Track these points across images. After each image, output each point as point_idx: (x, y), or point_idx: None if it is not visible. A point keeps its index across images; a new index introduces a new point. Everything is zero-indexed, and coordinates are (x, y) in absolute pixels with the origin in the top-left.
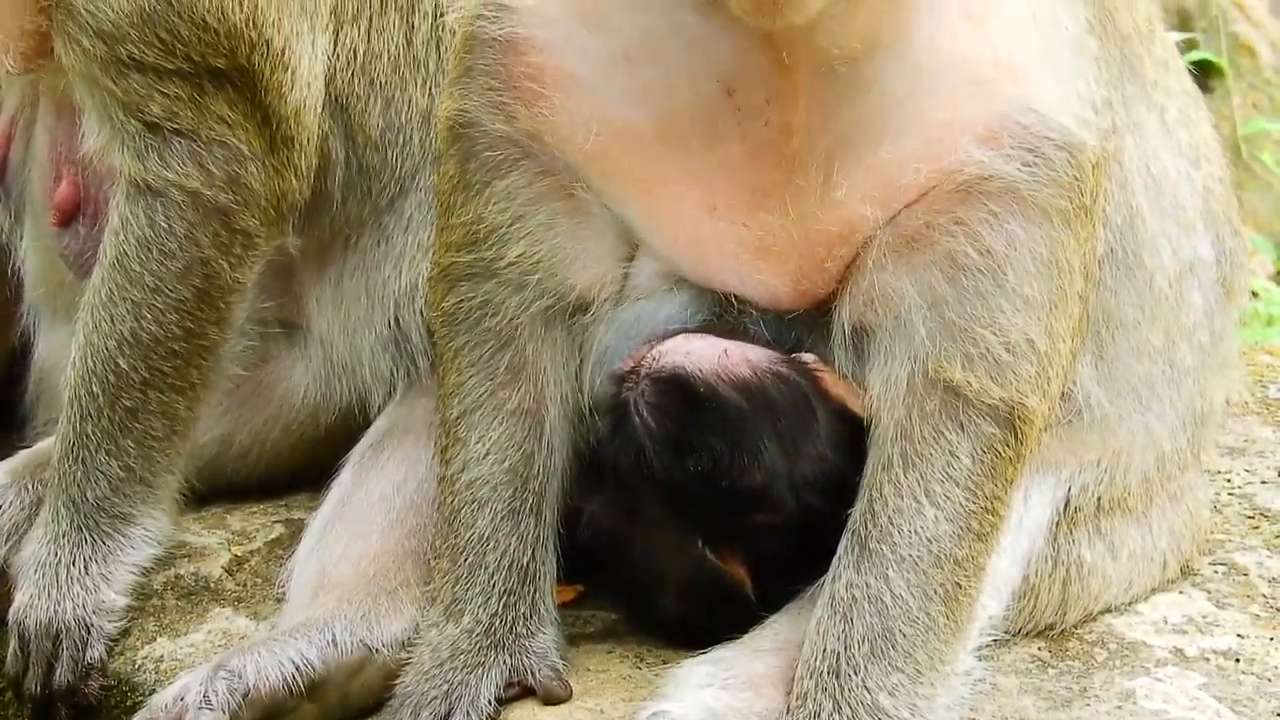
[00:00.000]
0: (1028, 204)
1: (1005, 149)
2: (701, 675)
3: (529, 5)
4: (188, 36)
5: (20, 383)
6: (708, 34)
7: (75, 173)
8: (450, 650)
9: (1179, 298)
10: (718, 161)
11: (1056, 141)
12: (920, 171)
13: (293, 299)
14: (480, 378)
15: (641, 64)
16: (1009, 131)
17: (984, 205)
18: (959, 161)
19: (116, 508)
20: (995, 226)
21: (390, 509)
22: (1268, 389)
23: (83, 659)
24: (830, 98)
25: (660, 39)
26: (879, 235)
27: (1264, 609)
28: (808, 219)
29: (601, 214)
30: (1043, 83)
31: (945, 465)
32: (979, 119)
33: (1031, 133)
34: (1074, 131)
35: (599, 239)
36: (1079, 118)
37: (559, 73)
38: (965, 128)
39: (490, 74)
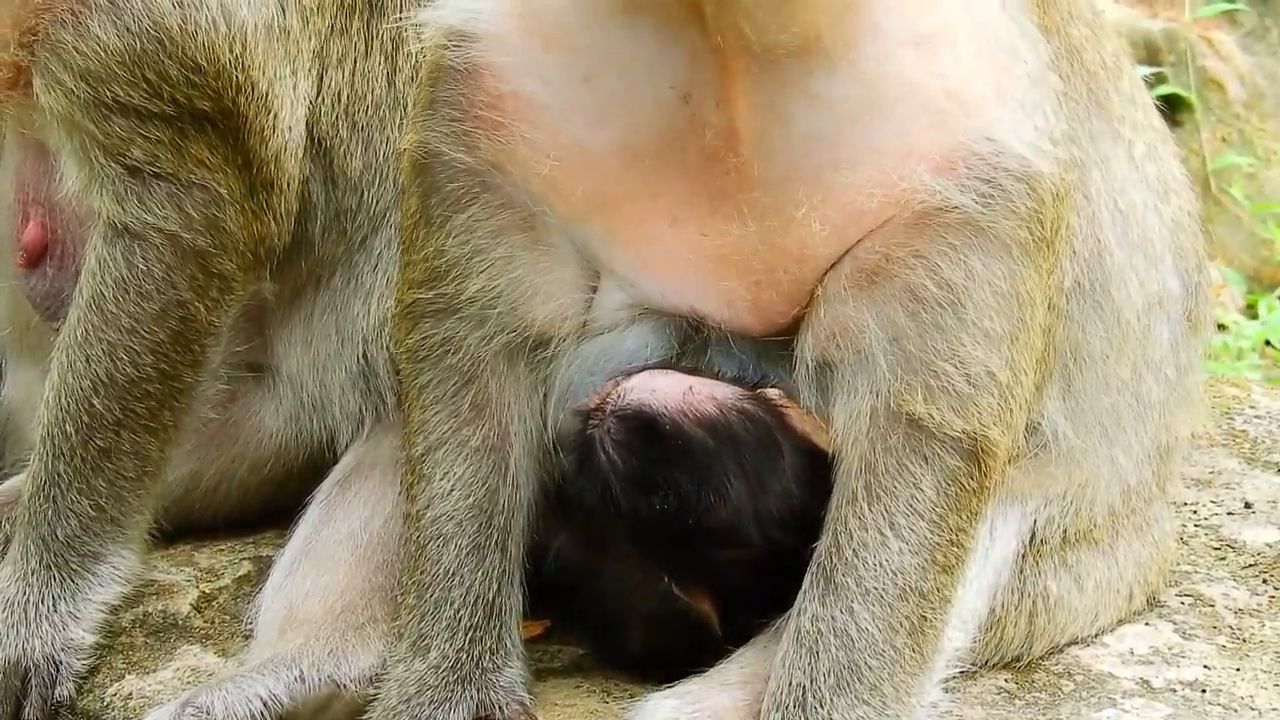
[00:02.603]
0: (986, 236)
1: (961, 179)
2: (668, 709)
3: (490, 32)
4: (176, 78)
5: None
6: (664, 42)
7: (43, 214)
8: (417, 686)
9: (1146, 331)
10: (676, 170)
11: (1014, 172)
12: (875, 197)
13: (263, 341)
14: (444, 415)
15: (602, 81)
16: (965, 161)
17: (942, 238)
18: (915, 190)
19: (86, 546)
20: (954, 259)
21: (357, 545)
22: (1234, 420)
23: (51, 696)
24: (775, 104)
25: (620, 53)
26: (839, 267)
27: (1230, 640)
28: (765, 232)
29: (563, 245)
30: (998, 114)
31: (909, 498)
32: (934, 148)
33: (987, 163)
34: (1031, 162)
35: (560, 271)
36: (1036, 148)
37: (519, 99)
38: (920, 157)
39: (452, 104)
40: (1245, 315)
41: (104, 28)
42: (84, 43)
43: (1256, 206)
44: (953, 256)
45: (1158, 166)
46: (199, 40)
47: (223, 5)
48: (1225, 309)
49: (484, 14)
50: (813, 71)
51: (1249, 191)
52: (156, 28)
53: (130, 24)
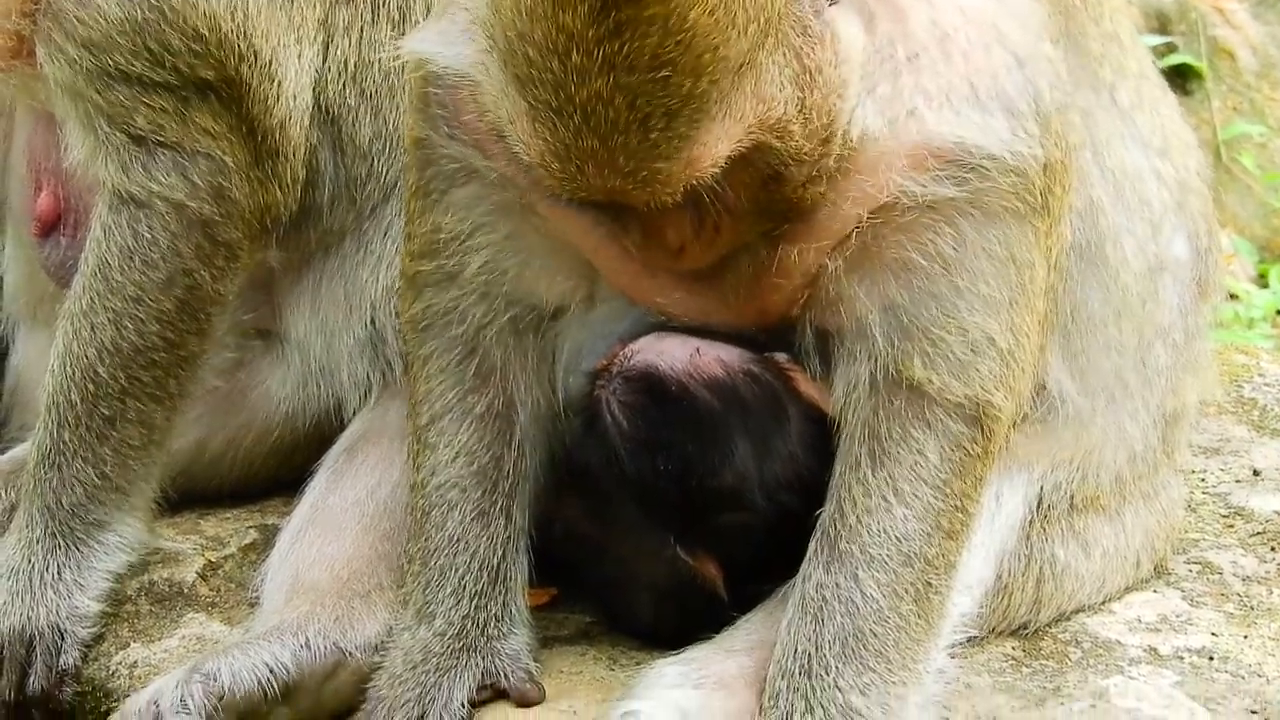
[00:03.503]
0: (973, 208)
1: (934, 173)
2: (673, 675)
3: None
4: (178, 47)
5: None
6: None
7: (55, 184)
8: (423, 653)
9: (1151, 295)
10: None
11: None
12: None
13: (271, 308)
14: (449, 384)
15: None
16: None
17: (928, 213)
18: (891, 194)
19: (91, 514)
20: (941, 232)
21: (363, 513)
22: (1243, 388)
23: (56, 665)
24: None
25: None
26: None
27: (1238, 607)
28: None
29: None
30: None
31: (913, 464)
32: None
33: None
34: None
35: (565, 252)
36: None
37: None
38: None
39: (443, 106)
40: (1256, 284)
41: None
42: (85, 11)
43: (1268, 176)
44: (938, 229)
45: (1151, 117)
46: (200, 9)
47: None
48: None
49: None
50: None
51: (1260, 161)
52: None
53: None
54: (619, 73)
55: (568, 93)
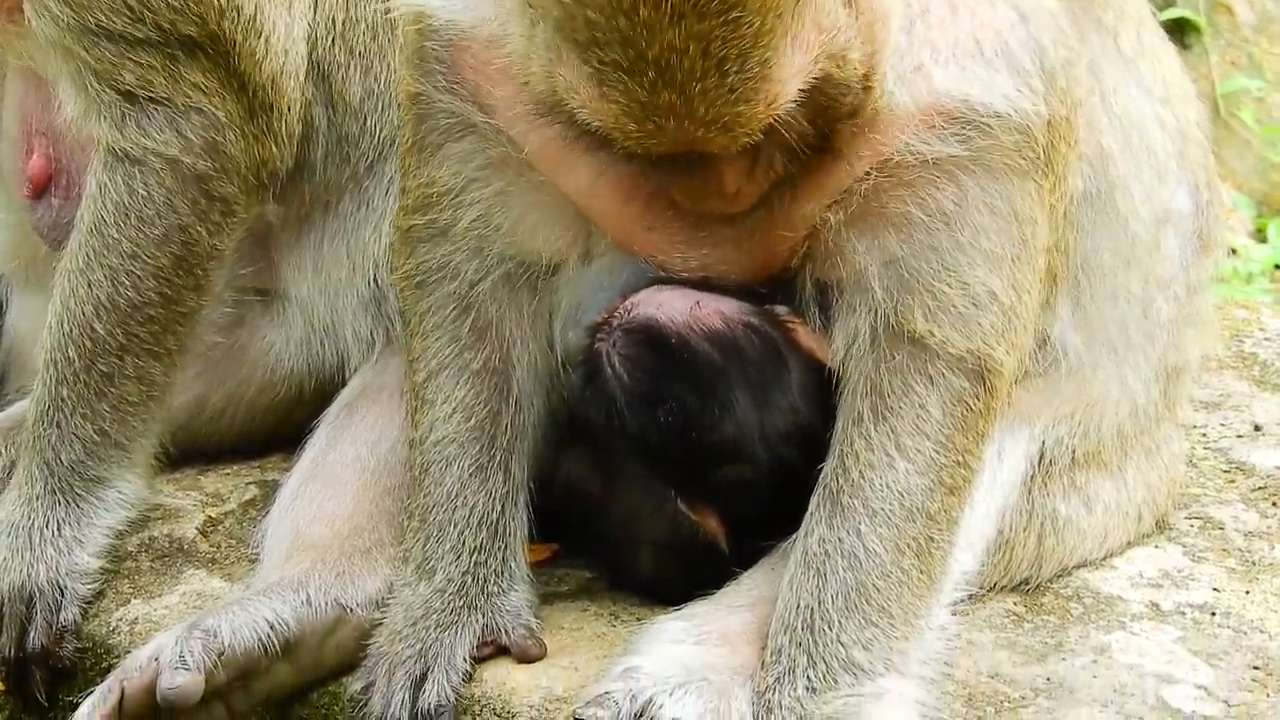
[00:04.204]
0: (974, 163)
1: (939, 132)
2: (675, 631)
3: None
4: (156, 4)
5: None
6: None
7: (47, 145)
8: (423, 609)
9: (1155, 245)
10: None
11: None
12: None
13: (270, 265)
14: (445, 340)
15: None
16: (940, 118)
17: (931, 169)
18: (897, 150)
19: (91, 471)
20: (942, 188)
21: (364, 469)
22: (1243, 343)
23: (57, 621)
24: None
25: None
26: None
27: (1239, 563)
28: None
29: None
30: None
31: (915, 419)
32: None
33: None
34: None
35: (561, 208)
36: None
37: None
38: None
39: (440, 60)
40: (1254, 239)
41: None
42: None
43: (1266, 130)
44: (941, 185)
45: (1153, 65)
46: None
47: None
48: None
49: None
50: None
51: (1258, 115)
52: None
53: None
54: (690, 21)
55: (638, 50)
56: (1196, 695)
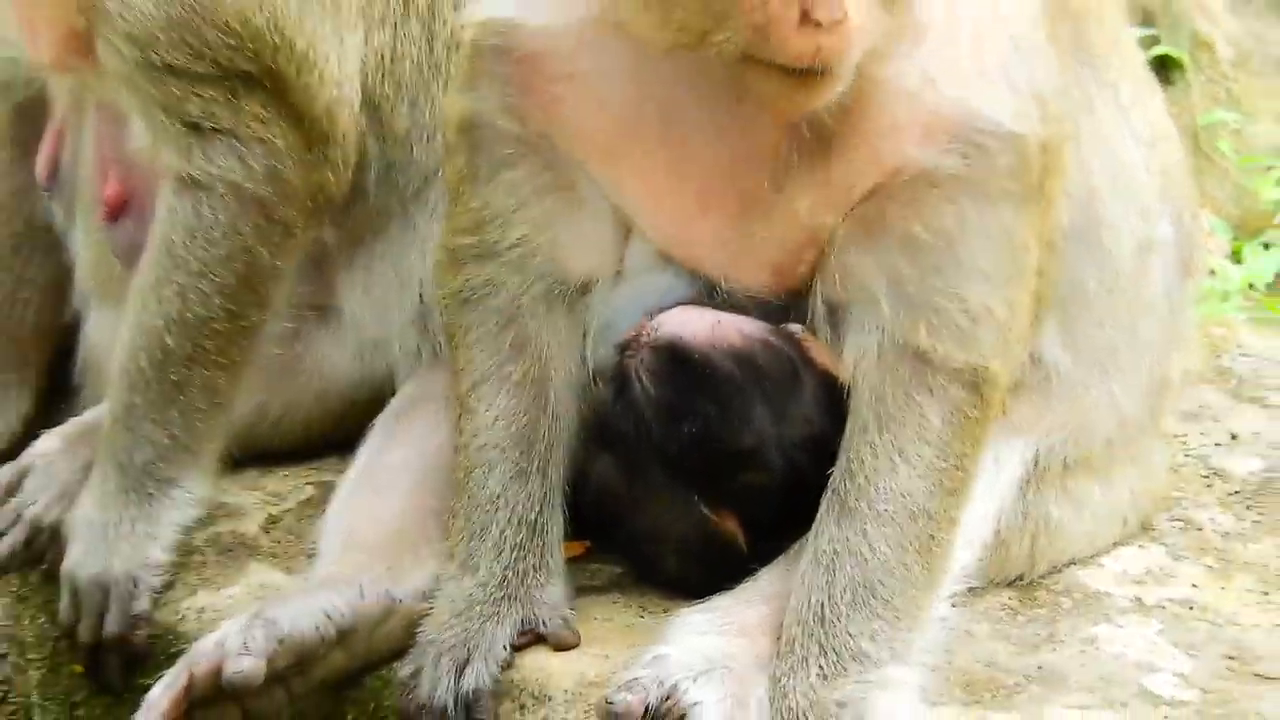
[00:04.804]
0: (973, 187)
1: (942, 146)
2: (699, 623)
3: (543, 25)
4: (214, 41)
5: (71, 359)
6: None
7: (122, 171)
8: (467, 602)
9: (1140, 273)
10: (714, 167)
11: (992, 134)
12: (869, 177)
13: (326, 283)
14: (487, 353)
15: (657, 71)
16: (944, 130)
17: (933, 191)
18: (901, 162)
19: (161, 472)
20: (944, 210)
21: (412, 472)
22: (1220, 359)
23: (130, 610)
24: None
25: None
26: (844, 225)
27: (1216, 561)
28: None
29: (600, 206)
30: (974, 88)
31: (917, 427)
32: (914, 123)
33: (965, 130)
34: (1008, 125)
35: (597, 227)
36: (1014, 112)
37: (575, 81)
38: (903, 133)
39: (504, 80)
40: (1231, 260)
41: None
42: (127, 9)
43: (1243, 159)
44: (944, 208)
45: (1144, 113)
46: (228, 6)
47: None
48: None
49: (540, 11)
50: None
51: (1236, 145)
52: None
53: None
54: None
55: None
56: (1175, 683)
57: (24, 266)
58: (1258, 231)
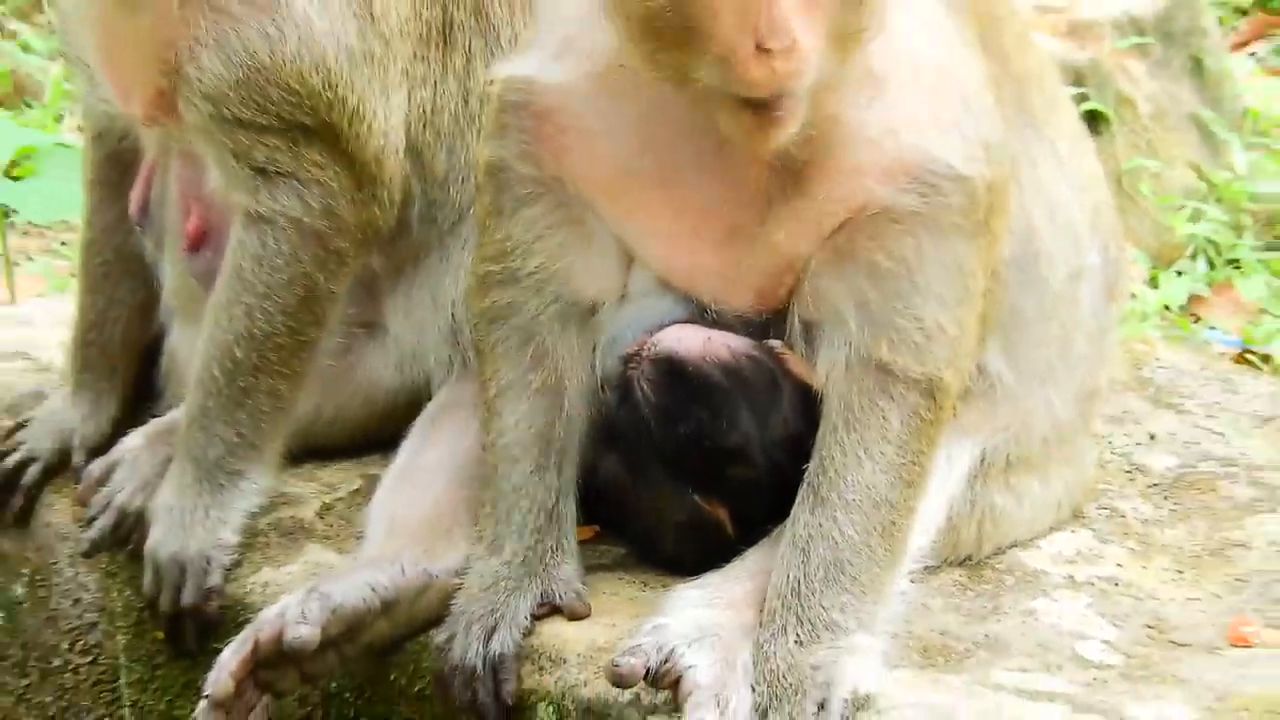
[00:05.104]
0: (929, 223)
1: (901, 185)
2: (693, 597)
3: (559, 84)
4: (277, 99)
5: (156, 367)
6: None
7: (201, 209)
8: (493, 578)
9: (1072, 298)
10: (703, 203)
11: (945, 176)
12: (838, 213)
13: (373, 304)
14: (510, 365)
15: (651, 125)
16: (902, 171)
17: (894, 225)
18: (866, 199)
19: (231, 465)
20: (903, 241)
21: (446, 467)
22: (1141, 370)
23: (204, 584)
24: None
25: (668, 106)
26: (817, 255)
27: (1138, 544)
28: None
29: (606, 238)
30: (929, 134)
31: (880, 428)
32: (877, 165)
33: (922, 169)
34: (958, 167)
35: (603, 257)
36: (964, 156)
37: (582, 132)
38: (867, 174)
39: (523, 131)
40: (1149, 286)
41: (214, 61)
42: (203, 73)
43: (1160, 200)
44: (903, 239)
45: (1077, 162)
46: (288, 68)
47: (303, 39)
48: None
49: (554, 72)
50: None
51: (1154, 188)
52: (253, 60)
53: (233, 57)
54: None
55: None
56: (1103, 649)
57: (114, 289)
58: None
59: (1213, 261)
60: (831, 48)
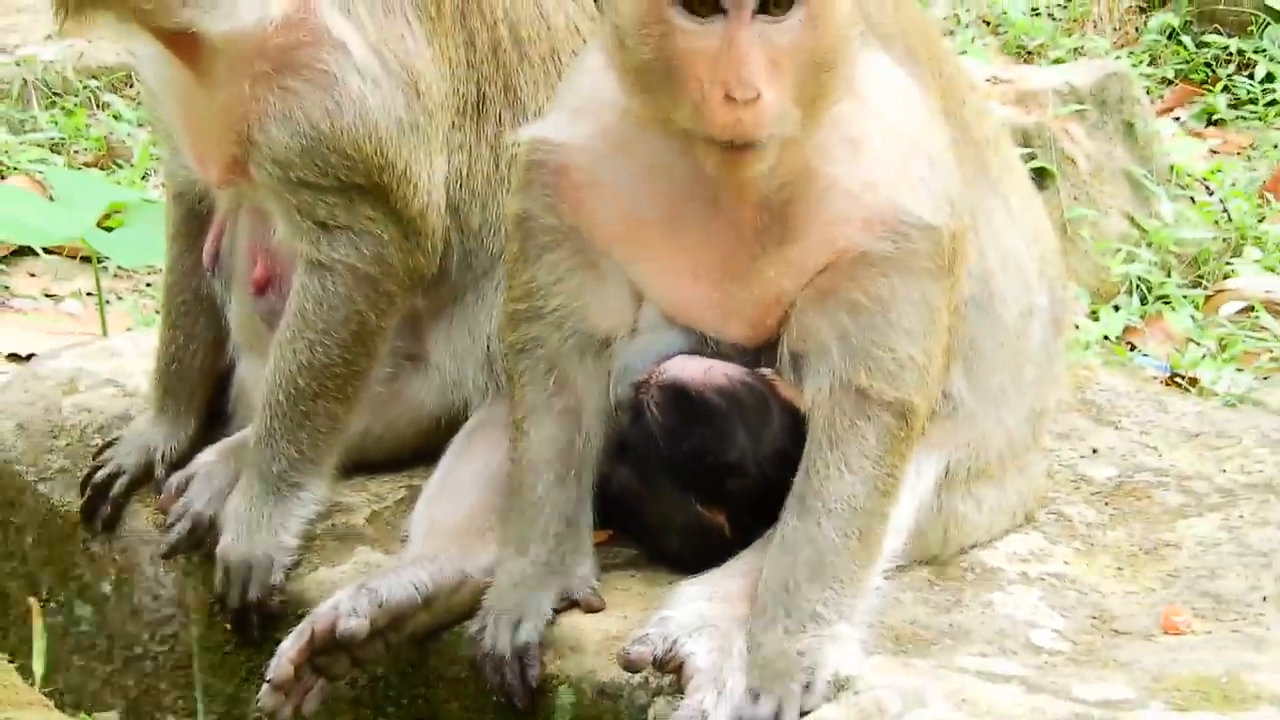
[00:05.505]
0: (901, 266)
1: (877, 234)
2: (694, 592)
3: (574, 144)
4: (335, 163)
5: (225, 395)
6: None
7: (266, 257)
8: (520, 576)
9: (1023, 332)
10: (701, 244)
11: (915, 226)
12: (821, 255)
13: (418, 339)
14: (536, 390)
15: (654, 179)
16: (878, 221)
17: (871, 268)
18: (847, 245)
19: (292, 479)
20: (879, 281)
21: (480, 478)
22: (1084, 392)
23: (268, 582)
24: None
25: (669, 163)
26: (802, 293)
27: (1082, 544)
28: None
29: (618, 279)
30: (901, 189)
31: (858, 445)
32: (856, 216)
33: (896, 220)
34: (927, 219)
35: (616, 296)
36: (931, 208)
37: (595, 186)
38: (848, 223)
39: (545, 186)
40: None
41: (281, 132)
42: (271, 142)
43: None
44: (878, 280)
45: (1028, 216)
46: (345, 137)
47: (358, 113)
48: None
49: (569, 132)
50: (788, 183)
51: (1093, 234)
52: (315, 130)
53: (297, 128)
54: None
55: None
56: (1053, 637)
57: (191, 326)
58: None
59: (1144, 298)
60: (798, 105)
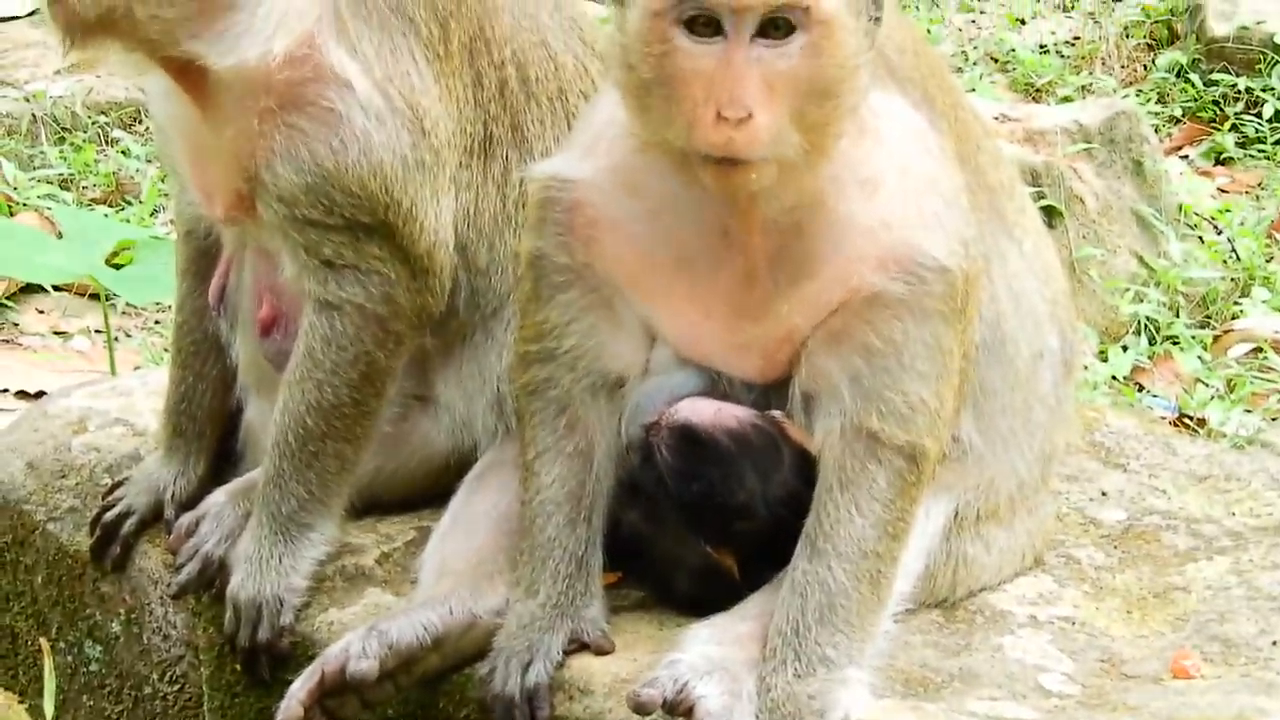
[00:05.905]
0: (914, 308)
1: (891, 274)
2: (704, 635)
3: (586, 180)
4: (341, 201)
5: (234, 435)
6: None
7: (273, 297)
8: (530, 618)
9: (1034, 374)
10: (713, 282)
11: (929, 267)
12: (835, 293)
13: (426, 378)
14: (547, 431)
15: (665, 216)
16: (893, 262)
17: (884, 310)
18: (860, 284)
19: (302, 519)
20: (892, 324)
21: (490, 519)
22: (1093, 435)
23: (278, 623)
24: (780, 242)
25: (679, 200)
26: (815, 333)
27: (1091, 587)
28: (768, 328)
29: (631, 319)
30: (916, 230)
31: (869, 488)
32: (871, 255)
33: (909, 262)
34: (942, 260)
35: (629, 337)
36: (946, 250)
37: (607, 223)
38: (863, 262)
39: (558, 224)
40: (1099, 359)
41: (287, 169)
42: (277, 179)
43: (1107, 283)
44: (892, 322)
45: (1041, 259)
46: (350, 175)
47: (363, 150)
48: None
49: (582, 168)
50: (801, 219)
51: (1101, 273)
52: (320, 168)
53: (302, 166)
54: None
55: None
56: (1062, 680)
57: (201, 366)
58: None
59: (1153, 338)
60: (799, 131)
